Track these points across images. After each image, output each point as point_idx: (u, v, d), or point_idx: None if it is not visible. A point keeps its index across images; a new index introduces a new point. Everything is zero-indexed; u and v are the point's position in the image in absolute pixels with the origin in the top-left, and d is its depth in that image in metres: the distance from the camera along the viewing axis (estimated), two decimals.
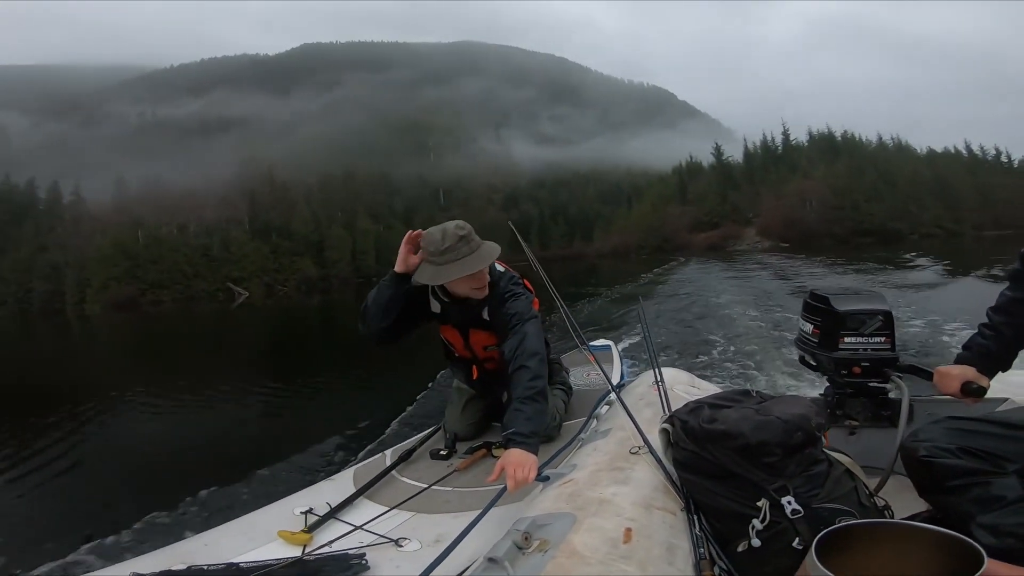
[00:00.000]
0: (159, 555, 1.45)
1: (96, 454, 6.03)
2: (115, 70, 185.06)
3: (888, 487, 1.55)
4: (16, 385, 11.94)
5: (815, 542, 0.70)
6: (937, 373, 1.59)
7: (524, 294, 2.08)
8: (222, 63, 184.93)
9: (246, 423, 6.91)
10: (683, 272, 24.45)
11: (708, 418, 1.26)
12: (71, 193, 67.45)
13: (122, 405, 8.06)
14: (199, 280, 54.06)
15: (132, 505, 4.02)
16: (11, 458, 5.76)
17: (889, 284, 13.88)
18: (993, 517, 1.13)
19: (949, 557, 0.64)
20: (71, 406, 7.81)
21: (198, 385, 9.07)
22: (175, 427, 6.99)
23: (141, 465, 5.49)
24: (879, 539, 0.72)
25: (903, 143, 63.37)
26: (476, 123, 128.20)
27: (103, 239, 54.78)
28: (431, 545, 1.45)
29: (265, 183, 70.64)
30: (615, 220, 67.81)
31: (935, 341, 6.70)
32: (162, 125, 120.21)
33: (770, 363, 6.24)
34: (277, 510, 1.73)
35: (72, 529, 3.78)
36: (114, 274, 51.05)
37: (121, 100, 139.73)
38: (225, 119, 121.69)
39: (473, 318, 2.13)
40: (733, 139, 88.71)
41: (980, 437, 1.25)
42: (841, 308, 1.96)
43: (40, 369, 15.92)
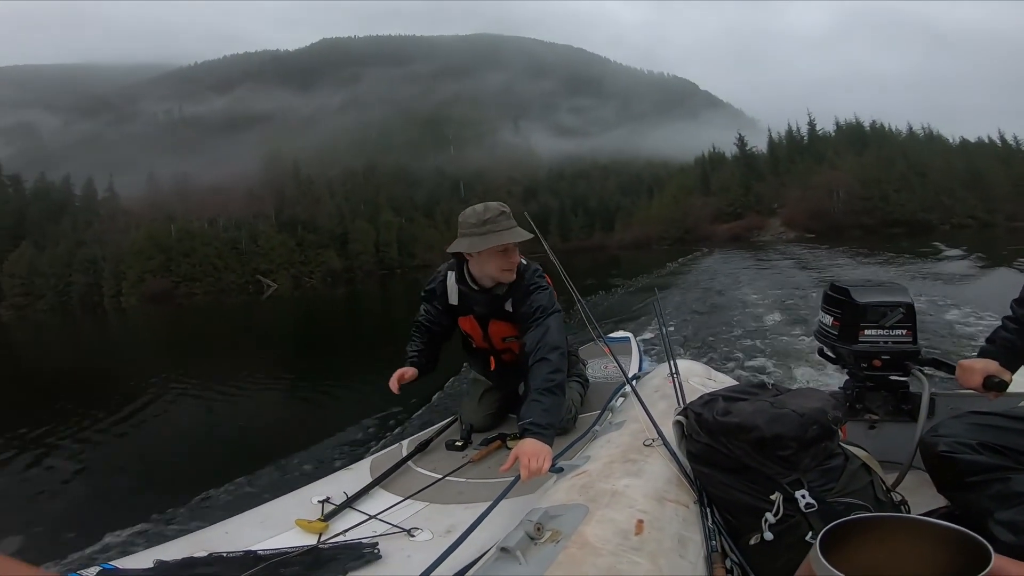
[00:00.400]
0: (181, 543, 1.50)
1: (129, 444, 6.18)
2: (141, 68, 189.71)
3: (907, 482, 1.54)
4: (58, 375, 12.44)
5: (820, 536, 0.70)
6: (959, 367, 1.55)
7: (548, 288, 2.09)
8: (244, 60, 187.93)
9: (271, 413, 7.08)
10: (706, 263, 24.21)
11: (722, 411, 1.26)
12: (105, 189, 69.77)
13: (156, 396, 8.24)
14: (229, 273, 55.38)
15: (161, 494, 4.15)
16: (47, 446, 5.95)
17: (919, 275, 13.53)
18: (1012, 514, 1.12)
19: (957, 553, 0.64)
20: (108, 397, 8.08)
21: (228, 376, 9.26)
22: (205, 417, 7.18)
23: (171, 454, 5.67)
24: (886, 534, 0.72)
25: (934, 133, 61.58)
26: (495, 115, 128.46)
27: (137, 233, 56.52)
28: (442, 535, 1.47)
29: (290, 178, 72.11)
30: (636, 211, 67.46)
31: (965, 333, 6.55)
32: (189, 122, 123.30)
33: (792, 355, 6.20)
34: (296, 499, 1.77)
35: (101, 517, 3.95)
36: (149, 267, 52.63)
37: (148, 98, 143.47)
38: (249, 115, 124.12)
39: (496, 309, 2.13)
40: (757, 129, 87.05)
41: (1001, 432, 1.24)
42: (862, 300, 1.94)
43: (82, 360, 16.71)
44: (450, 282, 2.19)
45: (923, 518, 0.70)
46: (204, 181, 76.68)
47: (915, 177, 49.51)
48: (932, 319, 7.40)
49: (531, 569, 0.93)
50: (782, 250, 29.49)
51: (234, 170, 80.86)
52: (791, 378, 5.33)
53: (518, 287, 2.06)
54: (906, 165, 50.58)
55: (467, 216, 1.99)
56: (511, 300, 2.07)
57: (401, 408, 5.56)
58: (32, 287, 54.29)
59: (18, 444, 6.02)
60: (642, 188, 75.00)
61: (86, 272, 54.29)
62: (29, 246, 55.95)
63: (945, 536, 0.66)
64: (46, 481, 4.99)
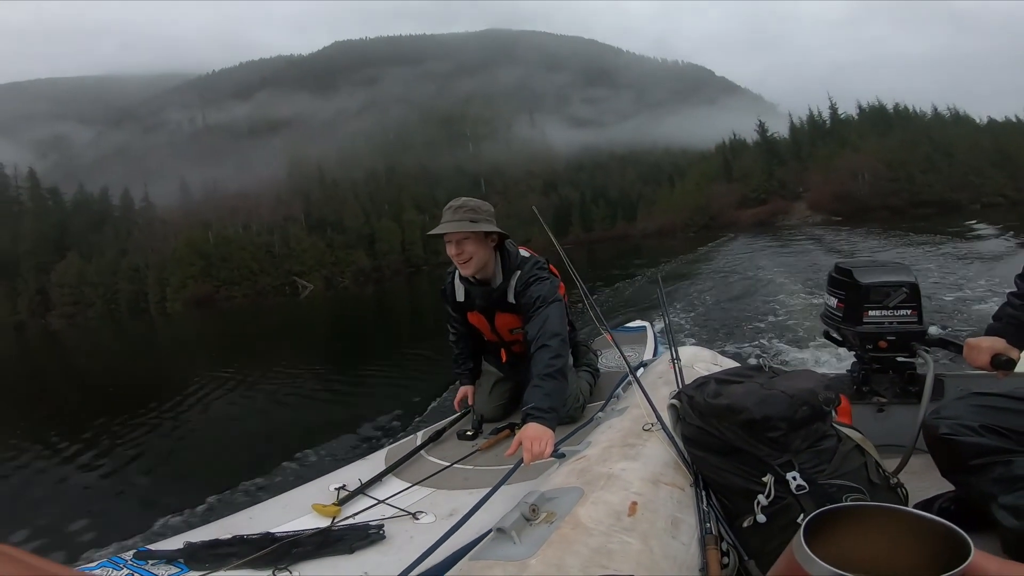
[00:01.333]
0: (210, 527, 1.63)
1: (170, 440, 6.58)
2: (161, 78, 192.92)
3: (913, 466, 1.53)
4: (111, 378, 13.39)
5: (804, 523, 0.67)
6: (966, 346, 1.51)
7: (549, 278, 2.13)
8: (260, 65, 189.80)
9: (300, 408, 7.40)
10: (730, 248, 24.25)
11: (713, 393, 1.26)
12: (141, 199, 72.54)
13: (198, 395, 8.66)
14: (264, 276, 57.50)
15: (198, 484, 4.47)
16: (93, 444, 6.39)
17: (950, 254, 13.24)
18: (1015, 498, 1.10)
19: (941, 545, 0.62)
20: (155, 397, 8.50)
21: (265, 374, 9.84)
22: (240, 413, 7.62)
23: (209, 448, 6.13)
24: (871, 522, 0.69)
25: (960, 113, 60.49)
26: (511, 110, 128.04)
27: (176, 241, 58.90)
28: (445, 518, 1.55)
29: (315, 181, 73.97)
30: (658, 200, 67.55)
31: (990, 311, 6.81)
32: (213, 130, 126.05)
33: (809, 338, 6.16)
34: (315, 487, 1.88)
35: (140, 508, 4.31)
36: (190, 273, 54.95)
37: (172, 107, 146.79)
38: (271, 121, 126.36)
39: (498, 301, 2.20)
40: (776, 114, 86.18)
41: (1006, 414, 1.21)
42: (864, 280, 1.92)
43: (132, 363, 17.78)
44: (456, 280, 2.31)
45: (903, 508, 0.70)
46: (232, 187, 78.86)
47: (941, 158, 49.10)
48: (958, 298, 7.52)
49: (525, 548, 0.96)
50: (808, 233, 29.49)
51: (260, 175, 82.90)
52: (808, 361, 5.28)
53: (519, 279, 2.13)
54: (932, 146, 50.18)
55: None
56: (512, 291, 2.14)
57: (420, 399, 5.87)
58: (81, 296, 57.22)
59: (70, 443, 6.53)
60: (662, 176, 74.98)
61: (131, 280, 57.02)
62: (76, 256, 58.78)
63: (927, 527, 0.66)
64: (92, 477, 5.37)
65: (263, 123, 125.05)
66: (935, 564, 0.60)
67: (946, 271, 10.48)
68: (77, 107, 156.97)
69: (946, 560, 0.60)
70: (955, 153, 49.73)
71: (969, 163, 48.64)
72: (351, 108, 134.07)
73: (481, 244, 2.09)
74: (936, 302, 7.31)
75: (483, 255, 2.11)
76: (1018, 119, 58.01)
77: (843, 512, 0.70)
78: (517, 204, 70.57)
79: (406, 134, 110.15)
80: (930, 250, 14.92)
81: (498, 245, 2.17)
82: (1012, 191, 46.38)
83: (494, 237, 2.13)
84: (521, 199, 77.27)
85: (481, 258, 2.10)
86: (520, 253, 2.21)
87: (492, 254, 2.14)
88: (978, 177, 47.68)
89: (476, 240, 2.08)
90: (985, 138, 52.65)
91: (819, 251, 18.02)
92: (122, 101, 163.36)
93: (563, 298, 2.13)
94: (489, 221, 2.09)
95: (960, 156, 49.44)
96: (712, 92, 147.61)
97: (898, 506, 0.69)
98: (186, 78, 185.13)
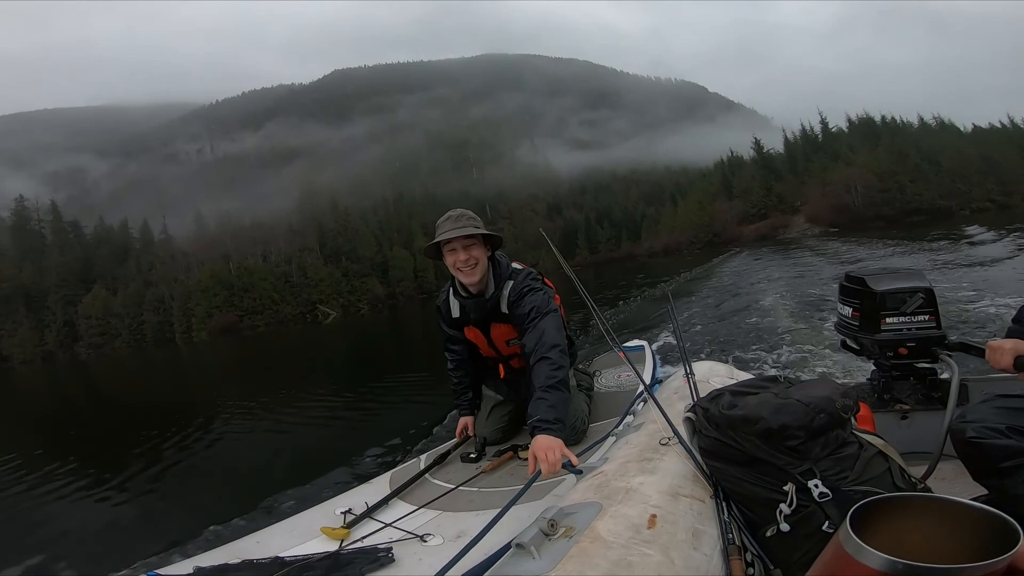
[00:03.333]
0: (218, 552, 1.64)
1: (183, 465, 6.76)
2: (165, 108, 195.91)
3: (943, 471, 1.53)
4: (133, 407, 13.90)
5: (850, 513, 0.69)
6: (989, 348, 1.49)
7: (543, 289, 2.13)
8: (262, 95, 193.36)
9: (309, 433, 7.58)
10: (734, 263, 24.57)
11: (728, 404, 1.28)
12: (160, 232, 74.89)
13: (218, 422, 8.98)
14: (285, 305, 59.59)
15: (208, 508, 4.61)
16: (112, 470, 6.64)
17: (943, 261, 13.43)
18: None
19: (985, 533, 0.63)
20: (176, 425, 8.71)
21: (281, 401, 10.04)
22: (255, 439, 7.82)
23: (220, 472, 6.34)
24: (913, 513, 0.71)
25: (946, 122, 63.23)
26: (513, 135, 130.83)
27: (200, 272, 61.06)
28: (452, 540, 1.55)
29: (328, 211, 76.28)
30: (662, 219, 69.62)
31: (996, 314, 6.49)
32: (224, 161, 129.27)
33: (821, 348, 6.19)
34: (320, 511, 1.90)
35: (151, 532, 4.40)
36: (215, 303, 57.11)
37: (181, 138, 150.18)
38: (281, 150, 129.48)
39: (492, 311, 2.19)
40: (771, 127, 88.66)
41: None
42: (879, 288, 1.91)
43: (158, 391, 18.26)
44: (451, 297, 2.31)
45: (948, 497, 0.70)
46: (244, 217, 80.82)
47: (929, 167, 51.44)
48: (965, 304, 7.51)
49: (544, 563, 0.96)
50: (808, 245, 30.62)
51: (271, 205, 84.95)
52: (825, 372, 5.29)
53: (512, 289, 2.13)
54: (920, 156, 52.48)
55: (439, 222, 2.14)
56: (506, 301, 2.14)
57: (425, 423, 5.91)
58: (108, 327, 59.20)
59: (89, 469, 6.90)
60: (664, 196, 76.95)
61: (156, 311, 59.02)
62: (101, 289, 60.90)
63: (972, 516, 0.65)
64: (107, 502, 5.52)
65: (272, 153, 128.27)
66: (982, 551, 0.60)
67: (947, 276, 10.60)
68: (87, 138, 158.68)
69: (993, 547, 0.60)
70: (942, 162, 52.08)
71: (956, 171, 50.99)
72: (357, 137, 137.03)
73: (483, 250, 2.12)
74: (941, 307, 7.97)
75: (485, 262, 2.14)
76: (1002, 124, 60.87)
77: (883, 505, 0.71)
78: (523, 228, 73.24)
79: (412, 162, 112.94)
80: (929, 256, 15.13)
81: (490, 256, 2.18)
82: (1000, 196, 48.60)
83: (488, 248, 2.15)
84: (527, 223, 79.66)
85: (484, 265, 2.13)
86: (511, 264, 2.24)
87: (488, 263, 2.17)
88: (965, 184, 50.01)
89: (481, 246, 2.11)
90: (970, 146, 55.20)
91: (822, 261, 18.59)
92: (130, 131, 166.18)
93: (559, 308, 2.14)
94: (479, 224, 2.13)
95: (947, 164, 51.78)
96: (709, 109, 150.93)
97: (943, 496, 0.69)
98: (191, 108, 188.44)
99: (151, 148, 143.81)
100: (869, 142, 57.69)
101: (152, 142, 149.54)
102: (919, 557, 0.61)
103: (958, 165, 51.42)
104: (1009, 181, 49.83)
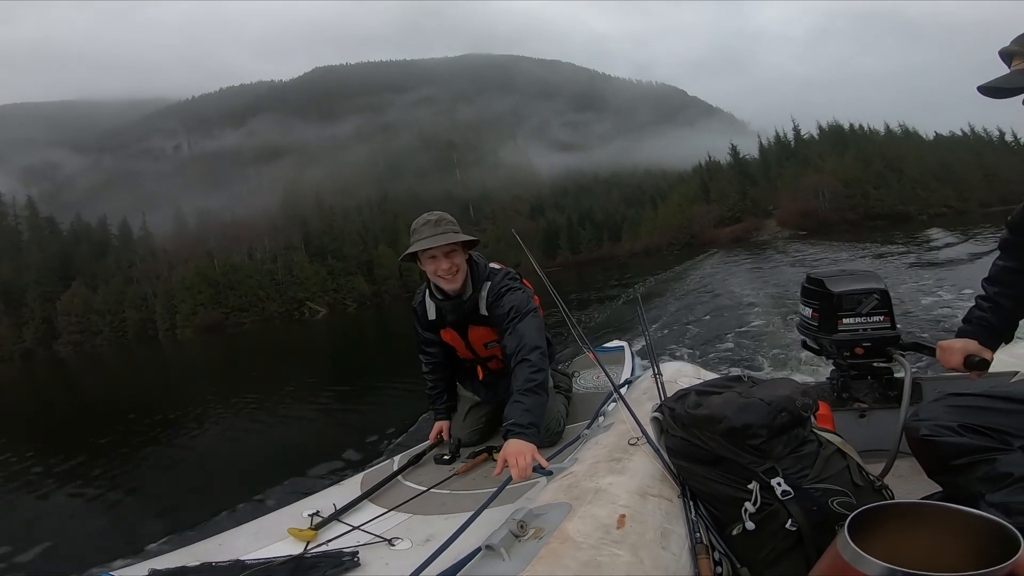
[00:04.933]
0: (177, 554, 1.60)
1: (152, 466, 6.69)
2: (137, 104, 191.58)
3: (900, 469, 1.56)
4: (112, 404, 13.67)
5: (848, 521, 0.68)
6: (939, 348, 1.54)
7: (521, 288, 2.13)
8: (241, 92, 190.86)
9: (282, 431, 7.54)
10: (708, 265, 25.07)
11: (693, 404, 1.29)
12: (140, 228, 74.19)
13: (192, 420, 8.95)
14: (271, 302, 59.90)
15: (171, 510, 4.57)
16: (76, 469, 6.58)
17: (903, 264, 13.85)
18: (1002, 495, 1.10)
19: (984, 541, 0.62)
20: (150, 423, 8.75)
21: (260, 398, 10.06)
22: (225, 437, 7.78)
23: (187, 473, 6.23)
24: (914, 521, 0.70)
25: (910, 130, 66.80)
26: (495, 136, 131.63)
27: (184, 269, 60.84)
28: (421, 544, 1.53)
29: (313, 209, 76.43)
30: (643, 221, 71.62)
31: (951, 313, 6.69)
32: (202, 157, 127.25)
33: (786, 348, 6.25)
34: (287, 513, 1.85)
35: (116, 533, 4.33)
36: (200, 300, 57.21)
37: (156, 134, 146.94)
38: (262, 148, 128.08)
39: (470, 312, 2.16)
40: (747, 132, 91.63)
41: (984, 413, 1.22)
42: (836, 289, 1.97)
43: (135, 389, 18.09)
44: (427, 299, 2.27)
45: (947, 505, 0.69)
46: (225, 215, 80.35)
47: (891, 174, 54.46)
48: (921, 305, 7.83)
49: (514, 565, 0.97)
50: (778, 247, 32.08)
51: (254, 204, 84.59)
52: (789, 372, 5.38)
53: (491, 290, 2.11)
54: (883, 164, 55.43)
55: (413, 226, 2.07)
56: (484, 302, 2.12)
57: (398, 422, 5.83)
58: (88, 324, 58.74)
59: (54, 466, 6.81)
60: (644, 199, 79.05)
61: (138, 308, 58.81)
62: (81, 286, 60.30)
63: (971, 524, 0.64)
64: (74, 503, 5.44)
65: (255, 151, 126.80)
66: (981, 559, 0.59)
67: (906, 277, 11.07)
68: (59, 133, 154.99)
69: (992, 555, 0.59)
70: (904, 169, 55.10)
71: (916, 178, 54.07)
72: (342, 136, 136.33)
73: (463, 257, 2.07)
74: (900, 307, 7.61)
75: (465, 267, 2.09)
76: (963, 132, 64.58)
77: (883, 510, 0.70)
78: (505, 229, 73.42)
79: (396, 162, 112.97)
80: (888, 258, 15.73)
81: (467, 258, 2.12)
82: (956, 202, 51.71)
83: (466, 251, 2.10)
84: (509, 223, 79.75)
85: (464, 271, 2.09)
86: (489, 265, 2.20)
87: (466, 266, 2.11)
88: (924, 191, 53.11)
89: (461, 251, 2.06)
90: (930, 154, 58.49)
91: (788, 263, 19.29)
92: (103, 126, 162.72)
93: (539, 309, 2.12)
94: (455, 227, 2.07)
95: (908, 172, 54.84)
96: (689, 113, 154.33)
97: (942, 503, 0.69)
98: (165, 104, 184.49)
99: (125, 144, 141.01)
100: (838, 149, 60.63)
101: (126, 138, 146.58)
102: (918, 565, 0.61)
103: (918, 173, 54.53)
104: (965, 188, 53.07)
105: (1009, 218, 1.47)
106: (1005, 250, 1.50)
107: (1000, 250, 1.52)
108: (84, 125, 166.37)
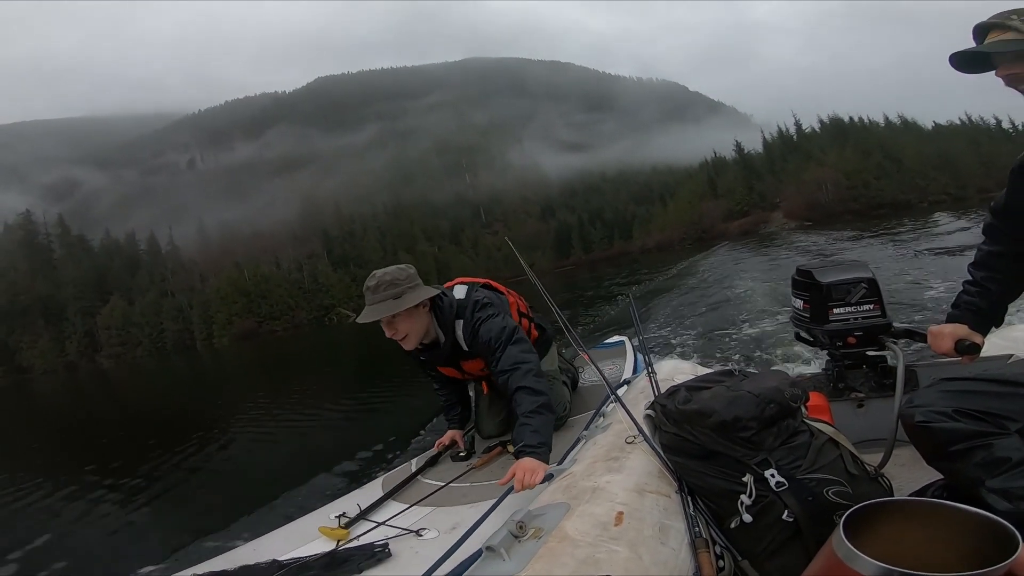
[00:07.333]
0: (216, 561, 1.66)
1: (187, 474, 6.80)
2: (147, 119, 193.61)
3: (902, 457, 1.56)
4: (153, 414, 13.88)
5: (844, 517, 0.67)
6: (930, 334, 1.54)
7: (494, 314, 2.05)
8: (247, 104, 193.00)
9: (309, 438, 7.66)
10: (715, 258, 25.09)
11: (684, 400, 1.31)
12: (167, 243, 76.97)
13: (227, 429, 9.12)
14: (300, 310, 62.72)
15: (208, 519, 4.65)
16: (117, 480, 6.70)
17: (900, 253, 14.01)
18: (1002, 480, 1.09)
19: (982, 538, 0.62)
20: (187, 432, 8.91)
21: (293, 405, 10.35)
22: (254, 446, 7.94)
23: (222, 481, 6.37)
24: (911, 519, 0.69)
25: (909, 121, 68.54)
26: (503, 139, 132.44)
27: (217, 280, 63.74)
28: (448, 532, 1.56)
29: (332, 218, 78.83)
30: (653, 218, 73.59)
31: (946, 297, 6.64)
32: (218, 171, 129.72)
33: (785, 341, 6.17)
34: (315, 516, 1.90)
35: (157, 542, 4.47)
36: (235, 310, 60.19)
37: (170, 149, 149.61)
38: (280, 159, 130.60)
39: (454, 353, 2.15)
40: (751, 125, 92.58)
41: (978, 397, 1.20)
42: (825, 280, 1.98)
43: (175, 398, 18.62)
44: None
45: (945, 502, 0.68)
46: (247, 227, 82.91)
47: (891, 164, 56.38)
48: (915, 290, 7.88)
49: (514, 565, 0.98)
50: (785, 238, 32.86)
51: (274, 214, 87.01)
52: (787, 364, 5.35)
53: (464, 328, 2.08)
54: (883, 155, 57.37)
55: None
56: (464, 339, 2.10)
57: (417, 425, 5.95)
58: (128, 336, 61.72)
59: (97, 478, 6.93)
60: (653, 196, 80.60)
61: (175, 319, 61.71)
62: (119, 299, 63.22)
63: (969, 522, 0.64)
64: (114, 510, 5.54)
65: (272, 162, 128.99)
66: (979, 558, 0.59)
67: (904, 265, 11.21)
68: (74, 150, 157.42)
69: (990, 554, 0.58)
70: (903, 160, 57.00)
71: (915, 168, 55.95)
72: (355, 144, 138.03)
73: (412, 315, 1.98)
74: (897, 296, 7.53)
75: (419, 326, 2.02)
76: (960, 121, 66.32)
77: (880, 508, 0.69)
78: (518, 231, 76.02)
79: (408, 168, 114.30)
80: (889, 245, 15.92)
81: (429, 307, 2.06)
82: (955, 189, 53.54)
83: (426, 302, 2.02)
84: (521, 225, 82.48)
85: (418, 329, 2.02)
86: (455, 299, 2.11)
87: (429, 317, 2.05)
88: (923, 180, 55.00)
89: (406, 315, 1.96)
90: (929, 144, 60.27)
91: (795, 253, 19.55)
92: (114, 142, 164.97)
93: (517, 324, 2.09)
94: (413, 289, 1.97)
95: (907, 162, 56.71)
96: (693, 110, 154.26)
97: (940, 501, 0.68)
98: (174, 118, 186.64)
99: (141, 159, 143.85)
100: (838, 142, 62.37)
101: (141, 153, 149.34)
102: (915, 564, 0.60)
103: (918, 163, 56.39)
104: (963, 176, 54.84)
105: (992, 203, 1.49)
106: (989, 234, 1.51)
107: (984, 235, 1.53)
108: (97, 141, 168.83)
